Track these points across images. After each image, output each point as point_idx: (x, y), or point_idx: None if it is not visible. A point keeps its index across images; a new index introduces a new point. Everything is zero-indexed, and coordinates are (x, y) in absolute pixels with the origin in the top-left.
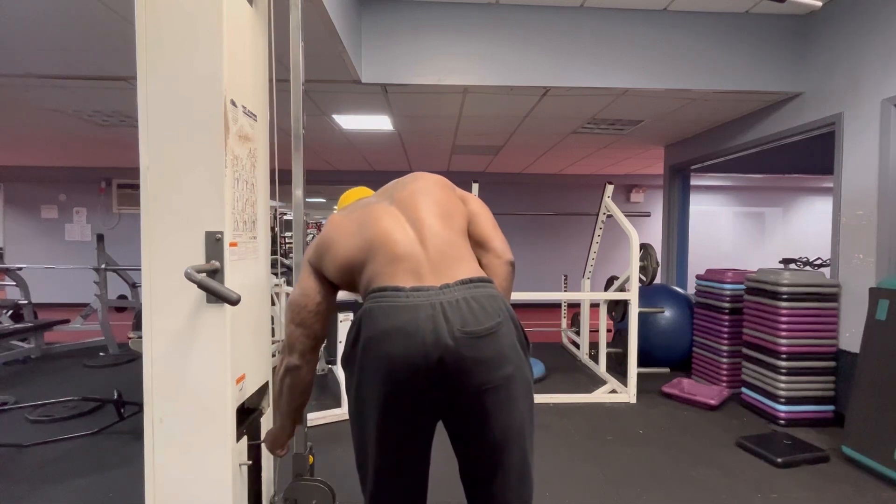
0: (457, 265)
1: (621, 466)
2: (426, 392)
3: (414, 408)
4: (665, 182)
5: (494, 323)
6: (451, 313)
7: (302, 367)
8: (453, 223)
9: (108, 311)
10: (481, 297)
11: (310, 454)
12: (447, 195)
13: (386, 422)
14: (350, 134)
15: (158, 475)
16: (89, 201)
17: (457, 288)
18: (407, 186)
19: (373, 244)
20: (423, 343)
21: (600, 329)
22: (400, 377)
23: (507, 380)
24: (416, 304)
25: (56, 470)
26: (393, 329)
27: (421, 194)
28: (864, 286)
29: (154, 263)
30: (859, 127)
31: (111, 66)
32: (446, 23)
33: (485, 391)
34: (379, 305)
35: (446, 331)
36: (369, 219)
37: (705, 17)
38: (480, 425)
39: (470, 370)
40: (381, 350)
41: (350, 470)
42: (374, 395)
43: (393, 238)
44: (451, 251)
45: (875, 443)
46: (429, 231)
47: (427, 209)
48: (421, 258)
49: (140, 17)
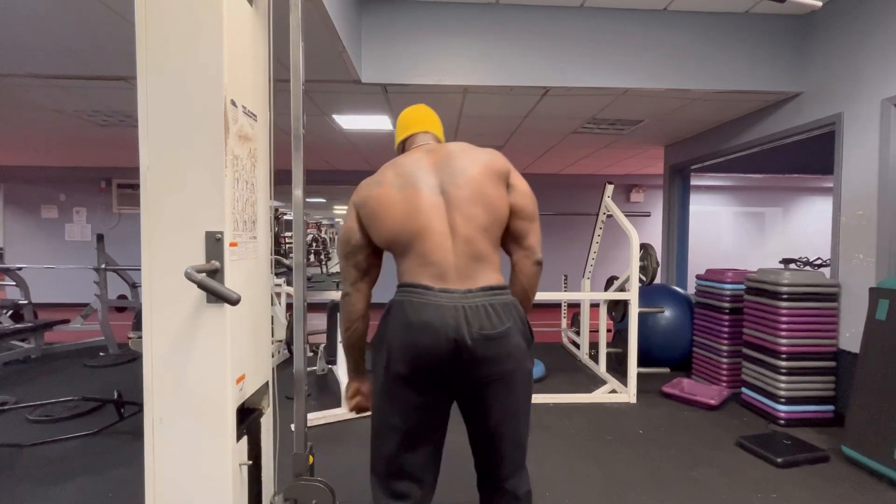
0: (481, 271)
1: (621, 466)
2: (443, 377)
3: (432, 388)
4: (665, 182)
5: (505, 328)
6: (471, 317)
7: (352, 294)
8: (489, 227)
9: (108, 311)
10: (497, 304)
11: (310, 454)
12: (494, 191)
13: (409, 396)
14: (350, 134)
15: (158, 475)
16: (89, 201)
17: (478, 294)
18: (457, 177)
19: (412, 240)
20: (445, 338)
21: (600, 329)
22: (423, 363)
23: (509, 374)
24: (443, 304)
25: (56, 470)
26: (422, 324)
27: (469, 191)
28: (864, 286)
29: (154, 263)
30: (859, 127)
31: (111, 66)
32: (446, 23)
33: (489, 382)
34: (410, 300)
35: (466, 331)
36: (416, 207)
37: (705, 17)
38: (484, 407)
39: (480, 364)
40: (410, 339)
41: (350, 470)
42: (402, 374)
43: (431, 242)
44: (478, 257)
45: (875, 443)
46: (462, 239)
47: (467, 213)
48: (451, 263)
49: (140, 17)
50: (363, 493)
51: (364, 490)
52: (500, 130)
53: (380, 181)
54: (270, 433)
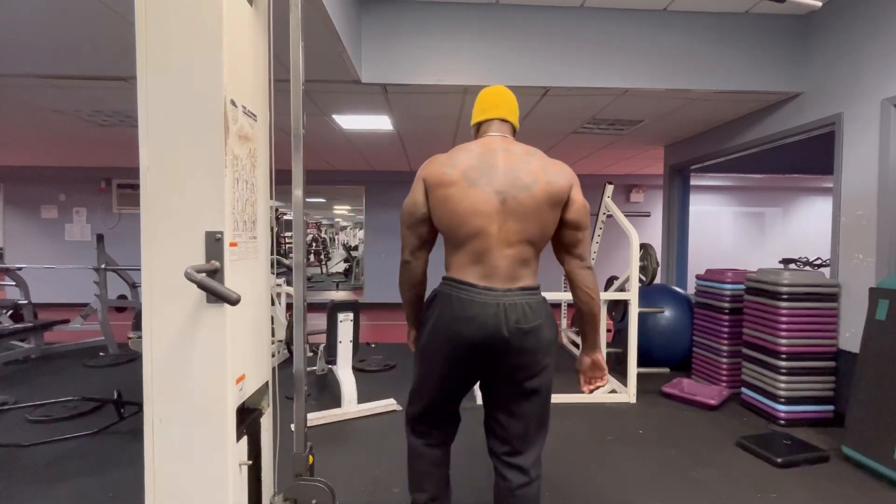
0: (521, 274)
1: (621, 466)
2: (476, 362)
3: (465, 370)
4: (665, 182)
5: (538, 323)
6: (510, 312)
7: (412, 262)
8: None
9: (108, 311)
10: (533, 303)
11: (310, 454)
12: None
13: (443, 372)
14: (350, 134)
15: (158, 475)
16: (89, 201)
17: (517, 293)
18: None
19: (469, 238)
20: (486, 330)
21: (600, 329)
22: (462, 350)
23: (538, 362)
24: (486, 301)
25: (56, 470)
26: (466, 317)
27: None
28: (864, 286)
29: (154, 263)
30: (859, 127)
31: (111, 66)
32: (446, 23)
33: (522, 367)
34: (459, 296)
35: (504, 325)
36: (478, 210)
37: (705, 17)
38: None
39: (516, 353)
40: (456, 330)
41: (350, 470)
42: (441, 354)
43: (485, 244)
44: (522, 262)
45: (875, 443)
46: (511, 246)
47: (521, 226)
48: (497, 266)
49: (140, 16)
50: (363, 493)
51: (364, 490)
52: None
53: (454, 167)
54: (270, 433)
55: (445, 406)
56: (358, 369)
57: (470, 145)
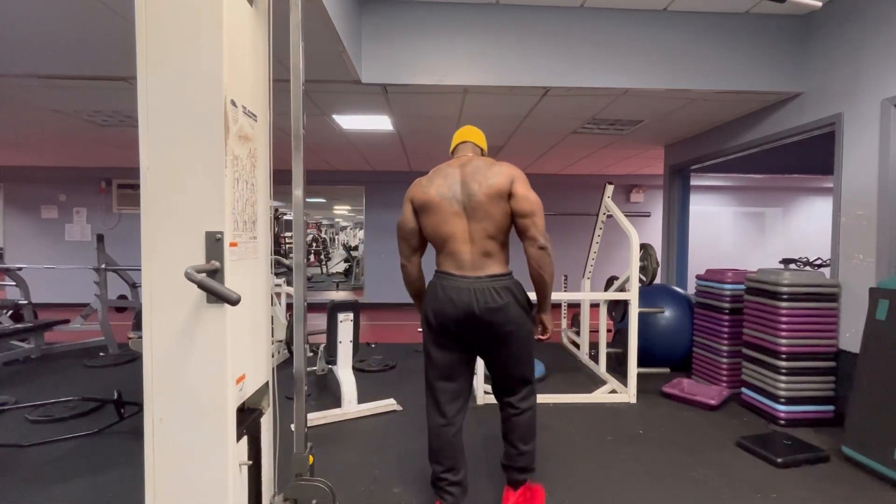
0: (488, 264)
1: (621, 466)
2: (461, 334)
3: (455, 341)
4: (665, 182)
5: (503, 303)
6: (479, 295)
7: (407, 265)
8: (494, 234)
9: (108, 311)
10: (498, 286)
11: (310, 454)
12: (496, 209)
13: (441, 344)
14: (350, 134)
15: (158, 475)
16: (89, 201)
17: (485, 280)
18: (472, 197)
19: (444, 241)
20: (463, 309)
21: (600, 329)
22: (449, 327)
23: (509, 332)
24: (461, 287)
25: (56, 470)
26: (447, 300)
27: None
28: (864, 286)
29: (154, 263)
30: (859, 127)
31: (111, 66)
32: (446, 23)
33: (496, 337)
34: (441, 283)
35: (476, 305)
36: (446, 219)
37: (705, 17)
38: (495, 353)
39: (488, 326)
40: (439, 308)
41: (350, 470)
42: (435, 331)
43: (455, 244)
44: (486, 254)
45: (875, 443)
46: (475, 242)
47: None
48: (467, 259)
49: (140, 16)
50: (363, 493)
51: (364, 490)
52: (500, 130)
53: (430, 187)
54: (270, 433)
55: (453, 371)
56: (358, 369)
57: (442, 166)
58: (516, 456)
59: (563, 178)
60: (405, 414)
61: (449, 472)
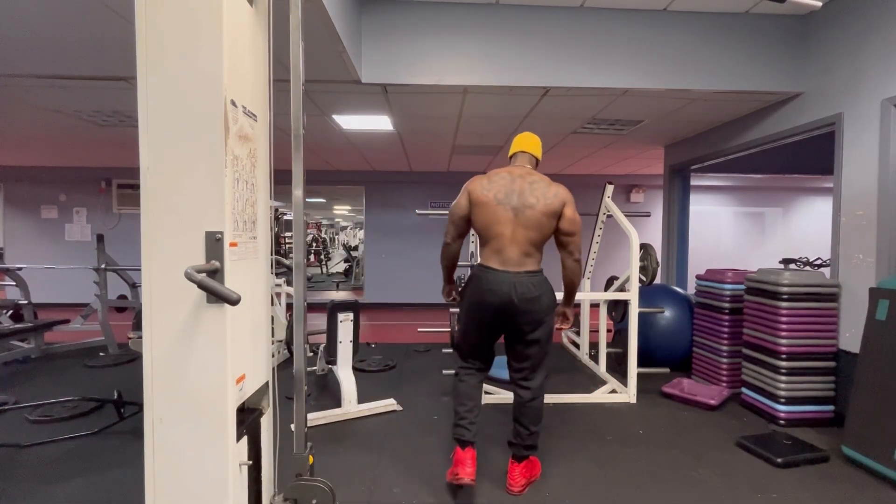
0: (527, 262)
1: (621, 466)
2: (497, 318)
3: (490, 322)
4: (665, 182)
5: (537, 294)
6: (518, 287)
7: (451, 244)
8: (536, 241)
9: (108, 311)
10: (535, 281)
11: (310, 454)
12: (546, 223)
13: (479, 323)
14: (350, 134)
15: (158, 475)
16: (89, 201)
17: (523, 275)
18: (526, 208)
19: (492, 237)
20: (502, 298)
21: (600, 329)
22: (487, 311)
23: (538, 320)
24: (502, 280)
25: (56, 470)
26: (489, 290)
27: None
28: (864, 286)
29: (154, 263)
30: (859, 127)
31: (111, 66)
32: (446, 23)
33: (526, 322)
34: (486, 275)
35: (515, 294)
36: (499, 219)
37: (705, 17)
38: (521, 337)
39: (522, 314)
40: (482, 296)
41: (350, 470)
42: (476, 312)
43: (501, 242)
44: (526, 254)
45: (875, 443)
46: (518, 244)
47: (525, 231)
48: (510, 256)
49: (140, 17)
50: (363, 493)
51: (364, 490)
52: (500, 130)
53: (489, 189)
54: (270, 433)
55: (482, 345)
56: (358, 369)
57: (502, 171)
58: (526, 436)
59: (563, 178)
60: (405, 414)
61: (469, 413)
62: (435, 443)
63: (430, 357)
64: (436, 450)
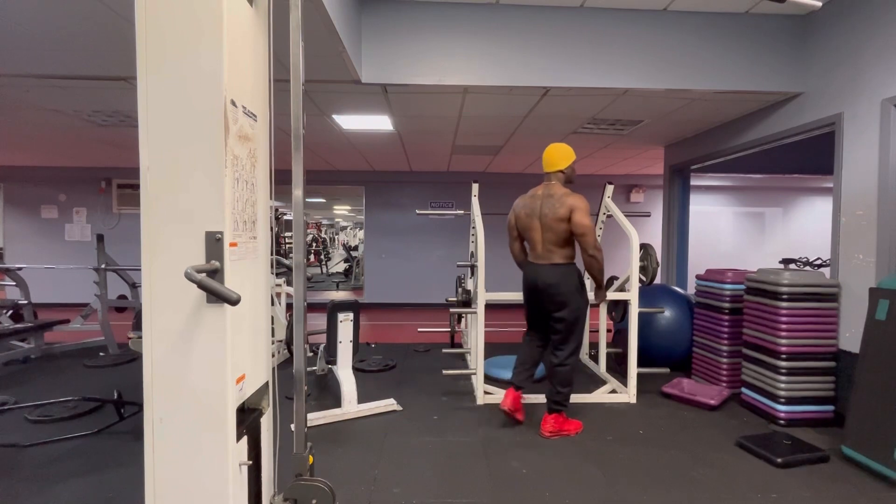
0: (550, 257)
1: (621, 466)
2: (532, 297)
3: (529, 301)
4: (665, 182)
5: (556, 281)
6: (541, 274)
7: (512, 246)
8: (557, 240)
9: (108, 311)
10: (557, 271)
11: (310, 454)
12: (560, 226)
13: (526, 303)
14: (350, 134)
15: (158, 475)
16: (89, 201)
17: (547, 266)
18: (547, 216)
19: (528, 241)
20: (531, 282)
21: (600, 329)
22: (527, 292)
23: (563, 302)
24: (533, 269)
25: (56, 470)
26: (525, 276)
27: (549, 225)
28: (864, 286)
29: (154, 263)
30: (859, 127)
31: (111, 66)
32: (446, 23)
33: (550, 302)
34: (526, 267)
35: (539, 280)
36: (531, 227)
37: (705, 17)
38: (551, 315)
39: (546, 295)
40: (525, 282)
41: (350, 470)
42: (525, 295)
43: (534, 242)
44: (551, 250)
45: (875, 443)
46: (544, 243)
47: (548, 234)
48: (539, 252)
49: (140, 17)
50: (363, 493)
51: (364, 490)
52: (500, 130)
53: (522, 207)
54: (270, 433)
55: (533, 318)
56: (358, 369)
57: (533, 190)
58: (555, 394)
59: None
60: (405, 414)
61: (520, 366)
62: (435, 443)
63: (430, 357)
64: (436, 450)
